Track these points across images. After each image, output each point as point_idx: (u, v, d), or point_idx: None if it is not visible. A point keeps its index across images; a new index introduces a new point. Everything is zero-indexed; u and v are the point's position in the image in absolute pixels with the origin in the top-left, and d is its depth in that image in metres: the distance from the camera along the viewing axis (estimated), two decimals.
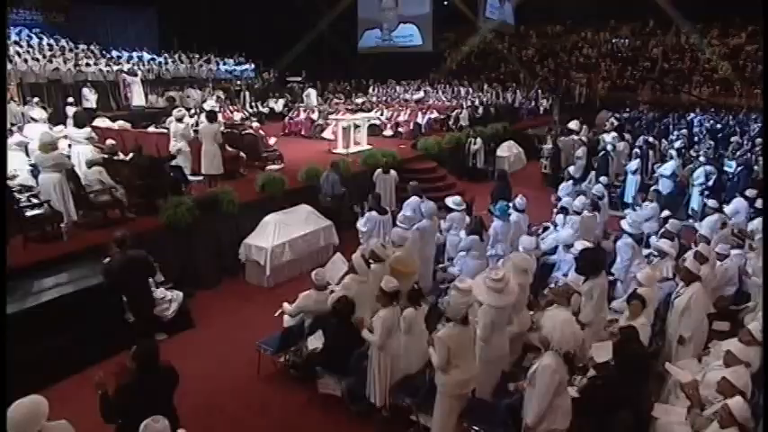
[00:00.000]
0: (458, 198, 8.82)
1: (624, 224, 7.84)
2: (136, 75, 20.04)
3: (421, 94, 21.82)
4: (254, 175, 11.49)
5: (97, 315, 6.67)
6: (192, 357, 7.00)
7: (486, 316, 5.46)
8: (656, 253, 8.11)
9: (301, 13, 27.05)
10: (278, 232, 9.06)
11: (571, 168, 11.82)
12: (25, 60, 20.13)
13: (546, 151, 14.69)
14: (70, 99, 16.43)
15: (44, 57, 20.82)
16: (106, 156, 8.78)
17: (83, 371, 6.54)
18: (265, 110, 21.27)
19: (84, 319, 6.64)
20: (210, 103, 13.18)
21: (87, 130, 10.01)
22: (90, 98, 18.56)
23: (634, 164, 13.07)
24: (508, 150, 16.38)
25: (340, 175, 10.51)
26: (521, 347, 6.39)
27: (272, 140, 12.59)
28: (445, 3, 28.09)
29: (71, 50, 22.78)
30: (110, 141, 9.79)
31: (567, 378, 4.57)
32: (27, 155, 10.11)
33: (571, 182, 11.37)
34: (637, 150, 13.55)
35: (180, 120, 10.37)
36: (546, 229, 9.69)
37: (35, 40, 23.08)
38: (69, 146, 10.13)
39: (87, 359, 6.66)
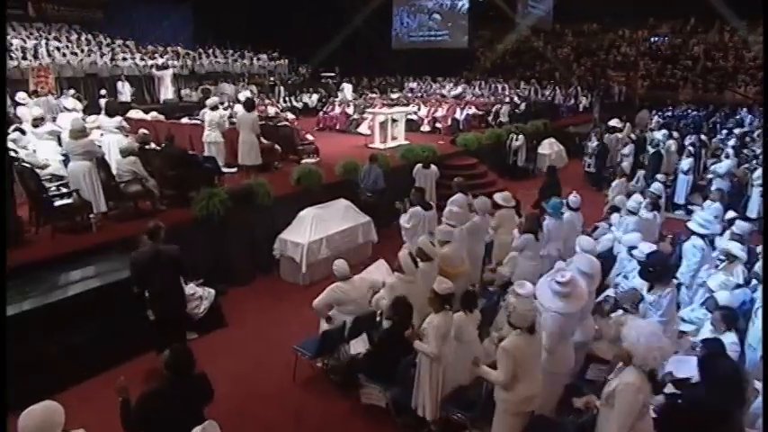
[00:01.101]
0: (507, 194, 8.16)
1: (693, 225, 7.07)
2: (167, 68, 19.79)
3: (459, 89, 21.04)
4: (289, 168, 11.00)
5: (125, 311, 6.19)
6: (223, 358, 6.54)
7: (551, 324, 4.82)
8: (722, 257, 7.35)
9: (335, 9, 26.55)
10: (315, 227, 8.51)
11: (624, 165, 11.02)
12: (63, 55, 20.09)
13: (591, 149, 13.89)
14: (103, 91, 16.18)
15: (82, 51, 20.77)
16: (138, 145, 8.34)
17: (109, 370, 6.12)
18: (299, 105, 20.85)
19: (111, 314, 6.19)
20: (246, 94, 12.62)
21: (118, 118, 9.64)
22: (125, 92, 18.36)
23: (686, 163, 12.19)
24: (549, 148, 15.60)
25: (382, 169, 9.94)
26: (583, 358, 5.74)
27: (309, 136, 12.07)
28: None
29: (108, 45, 22.75)
30: (142, 130, 9.37)
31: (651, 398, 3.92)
32: (59, 144, 9.78)
33: (624, 179, 10.58)
34: (690, 149, 12.67)
35: (214, 108, 9.87)
36: (595, 228, 8.97)
37: (74, 36, 23.14)
38: (101, 135, 9.81)
39: (114, 357, 6.26)
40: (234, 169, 9.50)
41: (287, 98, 20.56)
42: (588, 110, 21.63)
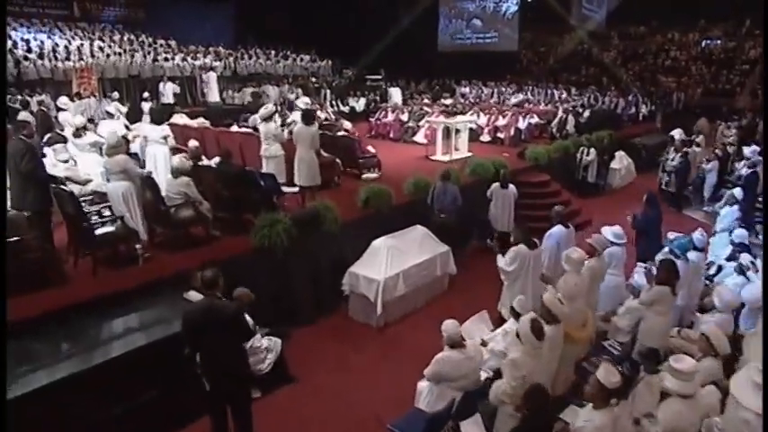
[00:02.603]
0: (618, 229, 6.66)
1: None
2: (213, 70, 18.59)
3: (520, 97, 19.25)
4: (350, 184, 9.68)
5: (178, 370, 4.90)
6: (293, 425, 5.24)
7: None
8: None
9: (379, 10, 25.16)
10: (391, 261, 7.10)
11: (736, 191, 9.36)
12: (108, 56, 19.10)
13: (670, 165, 12.16)
14: (146, 94, 15.02)
15: (125, 51, 19.77)
16: (191, 162, 6.99)
17: None
18: (346, 109, 19.42)
19: (162, 375, 4.90)
20: (305, 101, 11.06)
21: (164, 127, 8.40)
22: (167, 93, 17.23)
23: None
24: (619, 162, 13.90)
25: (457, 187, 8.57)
26: None
27: (370, 148, 10.67)
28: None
29: (150, 45, 21.75)
30: (193, 143, 8.07)
31: None
32: (101, 155, 8.59)
33: (736, 207, 8.93)
34: None
35: (268, 119, 8.46)
36: (718, 270, 7.38)
37: (117, 36, 22.19)
38: (147, 146, 8.57)
39: (166, 424, 5.00)
40: (295, 189, 8.09)
41: (333, 102, 19.14)
42: (648, 118, 19.81)
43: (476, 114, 14.39)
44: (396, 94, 18.70)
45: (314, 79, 24.02)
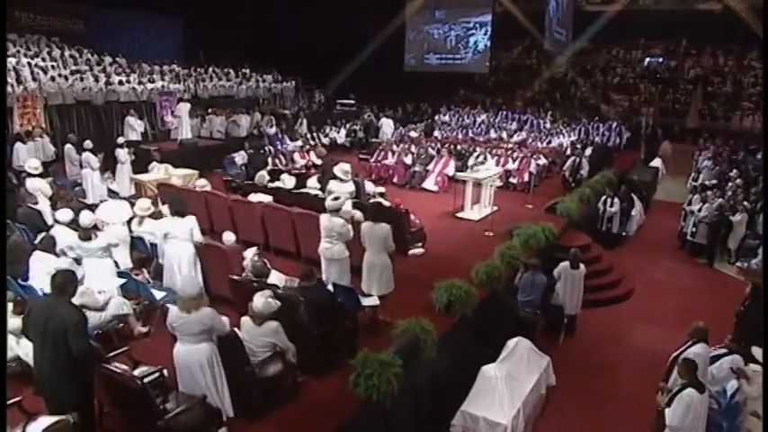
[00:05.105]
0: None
1: None
2: (186, 101, 16.21)
3: (523, 135, 17.76)
4: (400, 266, 8.16)
5: None
6: None
7: None
8: None
9: (343, 27, 23.28)
10: (510, 394, 5.74)
11: None
12: (52, 78, 16.23)
13: (699, 216, 11.35)
14: (121, 139, 12.56)
15: (72, 73, 16.92)
16: (277, 301, 5.13)
17: None
18: (326, 140, 17.54)
19: None
20: (344, 168, 8.63)
21: (189, 218, 6.57)
22: (137, 128, 14.77)
23: None
24: (635, 208, 13.10)
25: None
26: None
27: (415, 219, 9.16)
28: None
29: (98, 64, 18.91)
30: (251, 256, 6.23)
31: None
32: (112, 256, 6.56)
33: None
34: None
35: (336, 211, 6.71)
36: None
37: (57, 52, 19.09)
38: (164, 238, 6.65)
39: None
40: (375, 300, 6.43)
41: (313, 133, 17.17)
42: (627, 147, 19.26)
43: (482, 156, 13.11)
44: (387, 126, 17.01)
45: (272, 97, 21.92)
